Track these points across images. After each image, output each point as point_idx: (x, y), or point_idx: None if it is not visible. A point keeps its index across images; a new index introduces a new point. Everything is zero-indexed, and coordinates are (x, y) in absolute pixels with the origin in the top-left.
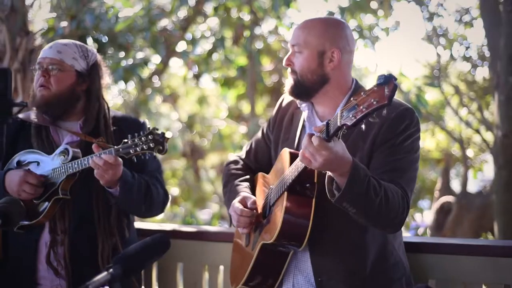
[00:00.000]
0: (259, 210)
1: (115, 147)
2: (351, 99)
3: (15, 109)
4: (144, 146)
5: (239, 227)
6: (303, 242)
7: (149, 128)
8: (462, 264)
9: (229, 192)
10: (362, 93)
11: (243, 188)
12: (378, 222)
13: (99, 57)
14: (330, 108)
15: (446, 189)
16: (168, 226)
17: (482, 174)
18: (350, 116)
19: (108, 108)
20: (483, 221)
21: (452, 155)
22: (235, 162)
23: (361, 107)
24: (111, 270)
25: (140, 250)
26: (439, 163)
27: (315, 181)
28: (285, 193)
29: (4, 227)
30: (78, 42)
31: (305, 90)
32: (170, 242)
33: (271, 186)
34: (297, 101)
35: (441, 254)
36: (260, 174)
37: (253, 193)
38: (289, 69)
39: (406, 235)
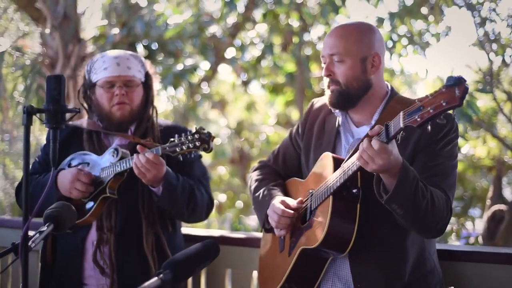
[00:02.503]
0: (298, 213)
1: (162, 145)
2: (416, 100)
3: (68, 115)
4: (190, 145)
5: (278, 228)
6: (347, 248)
7: (195, 127)
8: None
9: (263, 196)
10: (428, 95)
11: (278, 192)
12: (423, 226)
13: (150, 64)
14: (367, 114)
15: (498, 197)
16: (217, 232)
17: None
18: (416, 117)
19: (157, 113)
20: None
21: (504, 163)
22: (263, 167)
23: (428, 109)
24: (161, 275)
25: (190, 256)
26: (491, 171)
27: (359, 185)
28: (331, 197)
29: (56, 231)
30: (134, 53)
31: (350, 99)
32: (220, 248)
33: (310, 191)
34: (335, 110)
35: (493, 264)
36: (293, 180)
37: (286, 196)
38: (327, 80)
39: (457, 243)
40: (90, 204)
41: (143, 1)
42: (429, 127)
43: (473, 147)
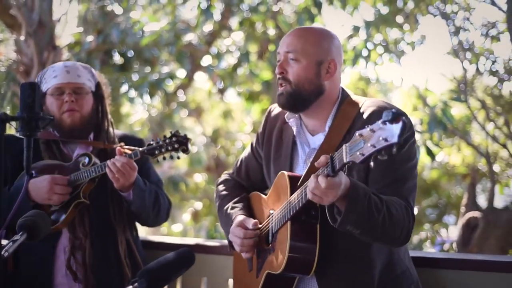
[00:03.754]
0: (261, 233)
1: (140, 149)
2: (357, 133)
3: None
4: (169, 147)
5: (243, 252)
6: (311, 270)
7: (170, 131)
8: (490, 280)
9: (225, 216)
10: (368, 128)
11: (239, 210)
12: (385, 239)
13: (100, 76)
14: (320, 120)
15: (472, 205)
16: (192, 240)
17: (509, 190)
18: (358, 153)
19: (113, 124)
20: (510, 237)
21: (478, 170)
22: (226, 181)
23: (369, 144)
24: (136, 284)
25: (166, 265)
26: (465, 178)
27: (318, 206)
28: (289, 222)
29: (29, 240)
30: (83, 64)
31: (300, 101)
32: (195, 257)
33: (271, 211)
34: (286, 116)
35: (468, 271)
36: (256, 194)
37: (250, 212)
38: (279, 78)
39: (431, 250)
40: (60, 211)
41: (119, 9)
42: (371, 163)
43: (448, 155)
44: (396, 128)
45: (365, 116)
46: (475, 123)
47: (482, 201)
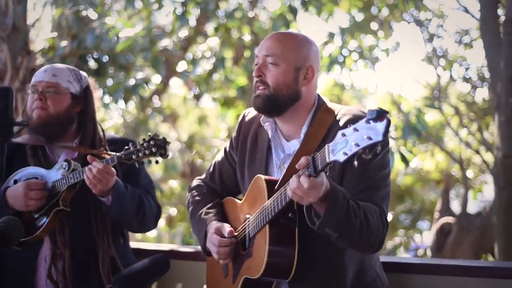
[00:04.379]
0: (237, 238)
1: (117, 154)
2: (340, 132)
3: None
4: (146, 151)
5: (220, 259)
6: (290, 274)
7: (149, 134)
8: (464, 285)
9: (199, 222)
10: (351, 127)
11: (213, 216)
12: (360, 245)
13: (90, 80)
14: (295, 126)
15: (446, 210)
16: (167, 247)
17: (482, 195)
18: (341, 153)
19: (103, 129)
20: (483, 242)
21: (452, 176)
22: (199, 186)
23: (353, 143)
24: None
25: (140, 271)
26: (439, 184)
27: (295, 209)
28: (267, 226)
29: (2, 247)
30: (70, 66)
31: (277, 105)
32: (170, 263)
33: (247, 216)
34: (261, 119)
35: (442, 276)
36: (230, 199)
37: (224, 218)
38: (256, 81)
39: (406, 256)
40: (42, 219)
41: (94, 14)
42: (355, 162)
43: (422, 161)
44: (381, 126)
45: (341, 123)
46: (448, 129)
47: (455, 206)
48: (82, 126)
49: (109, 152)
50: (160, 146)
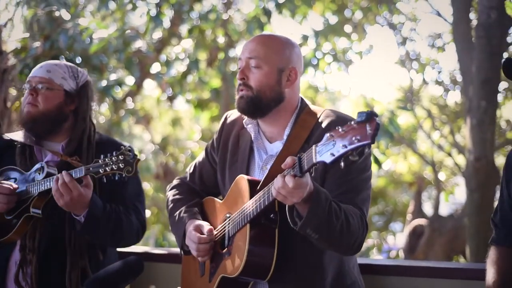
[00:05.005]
0: (216, 237)
1: (86, 166)
2: (327, 134)
3: None
4: (114, 166)
5: (199, 256)
6: (268, 275)
7: (122, 147)
8: (436, 287)
9: (178, 221)
10: (339, 129)
11: (192, 214)
12: (340, 246)
13: (89, 79)
14: (278, 128)
15: (418, 212)
16: (140, 249)
17: (454, 197)
18: (328, 154)
19: (94, 129)
20: (455, 244)
21: (424, 178)
22: (179, 185)
23: (341, 144)
24: None
25: (113, 273)
26: (411, 186)
27: (277, 210)
28: (248, 225)
29: None
30: (69, 63)
31: (260, 107)
32: (144, 265)
33: (227, 215)
34: (244, 121)
35: (414, 277)
36: (210, 199)
37: (204, 217)
38: (240, 83)
39: (379, 257)
40: (14, 222)
41: (67, 15)
42: (342, 163)
43: (394, 163)
44: (370, 128)
45: (323, 125)
46: (421, 132)
47: (428, 208)
48: (74, 126)
49: (79, 163)
50: (128, 162)
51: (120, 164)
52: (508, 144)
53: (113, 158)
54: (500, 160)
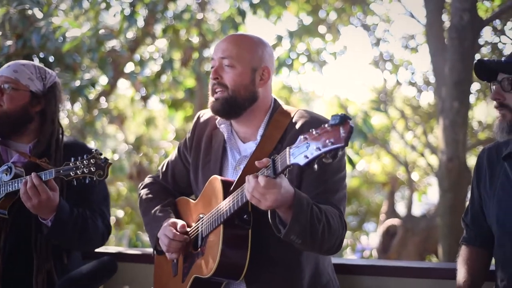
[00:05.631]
0: (189, 237)
1: (56, 168)
2: (301, 136)
3: None
4: (85, 170)
5: (169, 252)
6: (241, 275)
7: (93, 151)
8: (409, 286)
9: (153, 220)
10: (313, 131)
11: (168, 214)
12: (322, 248)
13: (58, 80)
14: (252, 128)
15: (392, 212)
16: (114, 249)
17: (427, 197)
18: (302, 156)
19: (62, 132)
20: (428, 244)
21: (397, 179)
22: (151, 184)
23: (315, 147)
24: None
25: (87, 274)
26: (385, 187)
27: (250, 210)
28: (221, 226)
29: None
30: (37, 64)
31: (235, 107)
32: (117, 265)
33: (200, 215)
34: (217, 121)
35: (387, 277)
36: (183, 199)
37: (177, 217)
38: (213, 84)
39: (352, 257)
40: None
41: (40, 13)
42: (315, 166)
43: (368, 163)
44: (343, 131)
45: (297, 126)
46: (394, 133)
47: (401, 208)
48: (40, 127)
49: (48, 166)
50: (99, 166)
51: (92, 168)
52: (480, 145)
53: (85, 161)
54: (472, 161)
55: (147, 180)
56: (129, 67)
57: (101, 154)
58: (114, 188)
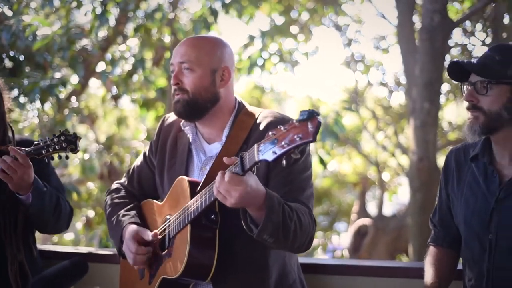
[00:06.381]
0: (156, 239)
1: (26, 149)
2: (269, 133)
3: None
4: (57, 146)
5: (135, 265)
6: (208, 275)
7: (60, 130)
8: (379, 286)
9: (115, 224)
10: (281, 128)
11: (130, 218)
12: (294, 246)
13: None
14: (217, 129)
15: (363, 212)
16: (84, 249)
17: (397, 197)
18: (270, 152)
19: (13, 131)
20: (398, 243)
21: (368, 179)
22: (117, 190)
23: (283, 143)
24: None
25: (58, 274)
26: (356, 187)
27: (217, 210)
28: (189, 226)
29: None
30: None
31: (197, 109)
32: (88, 266)
33: (167, 216)
34: (182, 123)
35: (358, 276)
36: (148, 201)
37: (141, 221)
38: (175, 89)
39: (324, 257)
40: None
41: (9, 11)
42: (284, 162)
43: (339, 163)
44: (311, 126)
45: (261, 126)
46: (365, 133)
47: (372, 208)
48: None
49: (19, 148)
50: (70, 141)
51: (63, 144)
52: (450, 145)
53: (54, 139)
54: (442, 161)
55: (113, 186)
56: (101, 66)
57: (68, 131)
58: (84, 188)
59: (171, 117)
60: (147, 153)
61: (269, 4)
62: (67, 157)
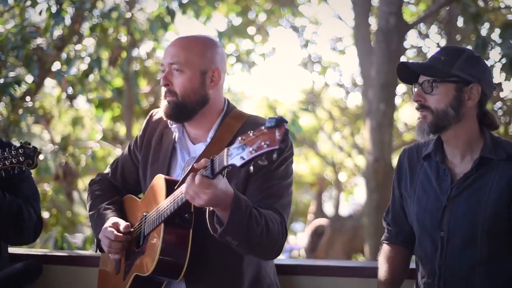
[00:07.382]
0: (133, 235)
1: None
2: (239, 138)
3: None
4: (14, 160)
5: (111, 253)
6: (180, 274)
7: (21, 142)
8: (336, 285)
9: (97, 217)
10: (250, 133)
11: (112, 212)
12: (260, 252)
13: None
14: (203, 130)
15: (319, 212)
16: (39, 251)
17: (354, 198)
18: (238, 157)
19: None
20: (354, 243)
21: (325, 179)
22: (100, 181)
23: (251, 149)
24: None
25: (11, 277)
26: (313, 187)
27: (192, 211)
28: (162, 224)
29: None
30: None
31: (186, 111)
32: (43, 268)
33: (144, 213)
34: (169, 122)
35: (316, 276)
36: (130, 197)
37: (123, 215)
38: (165, 90)
39: (281, 257)
40: None
41: None
42: (251, 168)
43: (296, 164)
44: (279, 134)
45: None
46: (322, 133)
47: (328, 208)
48: None
49: None
50: (28, 155)
51: (20, 158)
52: (405, 146)
53: (13, 151)
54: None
55: (97, 177)
56: (56, 66)
57: (29, 144)
58: (39, 189)
59: (159, 112)
60: (132, 147)
61: (226, 5)
62: (30, 174)
